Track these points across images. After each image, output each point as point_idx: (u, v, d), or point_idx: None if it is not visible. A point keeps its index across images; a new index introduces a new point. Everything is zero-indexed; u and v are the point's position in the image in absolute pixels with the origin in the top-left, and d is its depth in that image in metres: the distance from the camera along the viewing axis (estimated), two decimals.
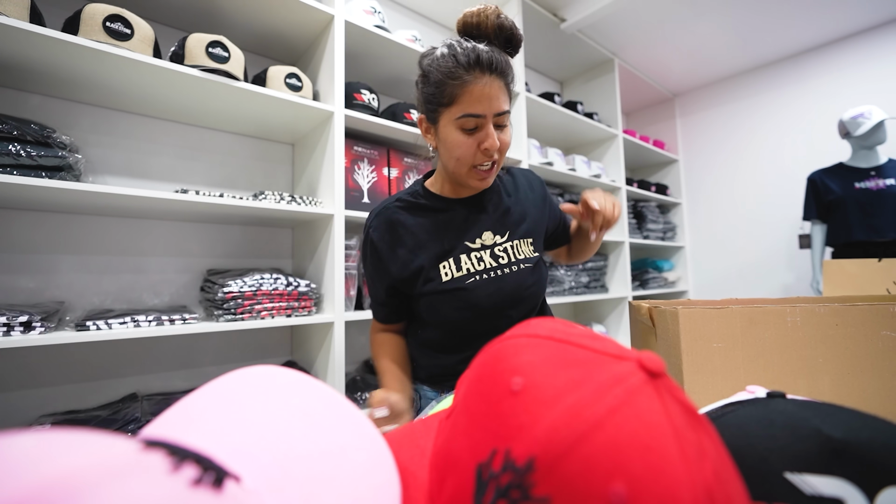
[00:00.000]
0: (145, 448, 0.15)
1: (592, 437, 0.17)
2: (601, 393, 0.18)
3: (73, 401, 1.15)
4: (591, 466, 0.16)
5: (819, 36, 2.53)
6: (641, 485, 0.16)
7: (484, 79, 0.66)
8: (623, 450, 0.16)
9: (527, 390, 0.20)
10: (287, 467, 0.19)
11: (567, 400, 0.18)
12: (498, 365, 0.22)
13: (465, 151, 0.68)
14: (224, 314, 1.15)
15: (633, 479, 0.16)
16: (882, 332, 0.57)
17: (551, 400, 0.19)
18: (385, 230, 0.77)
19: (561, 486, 0.17)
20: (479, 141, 0.68)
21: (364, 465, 0.21)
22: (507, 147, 0.70)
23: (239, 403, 0.23)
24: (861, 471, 0.22)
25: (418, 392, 0.84)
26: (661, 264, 2.95)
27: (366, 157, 1.51)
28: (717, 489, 0.16)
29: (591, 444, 0.17)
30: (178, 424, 0.21)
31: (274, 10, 1.33)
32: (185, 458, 0.15)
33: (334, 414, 0.23)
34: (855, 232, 1.99)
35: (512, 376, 0.21)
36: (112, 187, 0.97)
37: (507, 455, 0.19)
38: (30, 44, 0.93)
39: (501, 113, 0.68)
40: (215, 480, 0.15)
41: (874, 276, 0.98)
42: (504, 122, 0.69)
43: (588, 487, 0.16)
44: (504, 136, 0.69)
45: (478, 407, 0.22)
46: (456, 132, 0.68)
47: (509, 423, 0.19)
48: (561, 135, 2.54)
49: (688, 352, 0.61)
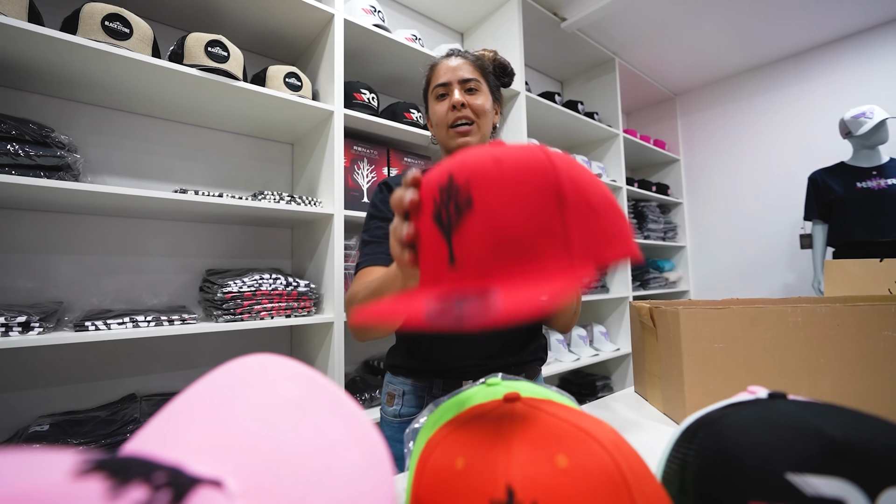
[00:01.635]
0: (81, 473, 0.14)
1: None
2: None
3: (72, 401, 1.15)
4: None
5: (819, 36, 2.53)
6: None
7: (449, 59, 0.81)
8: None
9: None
10: (276, 466, 0.19)
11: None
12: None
13: (441, 114, 0.79)
14: (223, 314, 1.14)
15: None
16: (884, 332, 0.56)
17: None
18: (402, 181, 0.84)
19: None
20: (450, 102, 0.79)
21: (357, 462, 0.21)
22: (480, 109, 0.78)
23: (231, 398, 0.22)
24: (863, 471, 0.21)
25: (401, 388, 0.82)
26: (662, 264, 2.95)
27: (365, 156, 1.51)
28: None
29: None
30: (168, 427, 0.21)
31: (273, 10, 1.33)
32: (132, 479, 0.14)
33: (328, 407, 0.23)
34: (856, 232, 1.98)
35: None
36: (111, 187, 0.97)
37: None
38: (28, 43, 0.93)
39: (466, 80, 0.78)
40: (173, 498, 0.14)
41: (876, 277, 0.97)
42: (472, 87, 0.79)
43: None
44: (474, 98, 0.78)
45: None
46: (433, 103, 0.82)
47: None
48: (561, 134, 2.54)
49: (689, 352, 0.60)
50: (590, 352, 2.29)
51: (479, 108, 0.78)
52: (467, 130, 0.78)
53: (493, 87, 0.83)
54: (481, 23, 2.15)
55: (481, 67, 0.81)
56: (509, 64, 0.87)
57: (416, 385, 0.81)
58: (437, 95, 0.80)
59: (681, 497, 0.25)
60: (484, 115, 0.79)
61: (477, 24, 2.17)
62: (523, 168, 0.29)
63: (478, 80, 0.79)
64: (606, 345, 2.41)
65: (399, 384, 0.82)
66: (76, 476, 0.13)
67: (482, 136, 0.80)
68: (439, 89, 0.80)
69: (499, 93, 0.86)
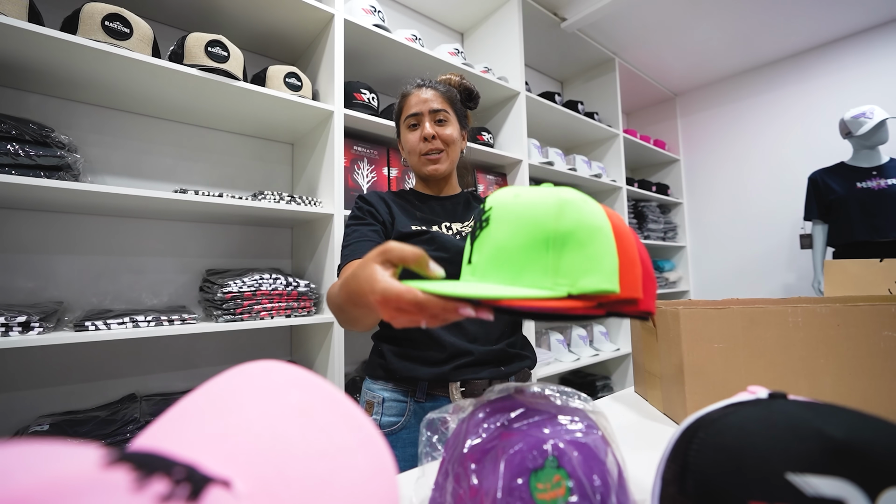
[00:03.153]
0: (108, 464, 0.14)
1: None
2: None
3: (72, 401, 1.15)
4: None
5: (819, 36, 2.53)
6: None
7: (420, 90, 0.86)
8: None
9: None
10: (283, 469, 0.19)
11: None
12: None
13: (412, 143, 0.86)
14: (223, 314, 1.15)
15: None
16: (884, 332, 0.56)
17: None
18: (378, 196, 0.89)
19: None
20: (422, 133, 0.85)
21: (363, 467, 0.21)
22: (449, 139, 0.85)
23: (237, 402, 0.22)
24: (863, 471, 0.21)
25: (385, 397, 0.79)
26: (662, 264, 2.95)
27: (365, 156, 1.51)
28: None
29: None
30: (174, 428, 0.21)
31: (273, 10, 1.33)
32: (154, 472, 0.14)
33: (333, 412, 0.23)
34: (856, 232, 1.99)
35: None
36: (111, 187, 0.97)
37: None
38: (28, 43, 0.93)
39: (436, 110, 0.84)
40: (191, 493, 0.14)
41: (876, 277, 0.98)
42: (442, 118, 0.85)
43: None
44: (443, 129, 0.85)
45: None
46: (405, 131, 0.88)
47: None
48: (561, 134, 2.54)
49: (689, 352, 0.61)
50: (590, 352, 2.29)
51: (448, 138, 0.85)
52: (437, 159, 0.85)
53: (461, 115, 0.90)
54: (481, 23, 2.15)
55: (450, 98, 0.88)
56: (474, 88, 0.94)
57: (398, 390, 0.78)
58: (409, 125, 0.87)
59: (681, 497, 0.25)
60: (453, 144, 0.86)
61: (477, 24, 2.17)
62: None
63: (446, 112, 0.85)
64: (606, 345, 2.41)
65: (378, 391, 0.79)
66: (104, 466, 0.14)
67: (451, 162, 0.87)
68: (411, 119, 0.86)
69: (465, 120, 0.93)
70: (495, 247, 0.38)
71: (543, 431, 0.31)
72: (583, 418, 0.33)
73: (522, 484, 0.28)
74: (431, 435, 0.42)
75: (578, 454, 0.30)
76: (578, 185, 2.46)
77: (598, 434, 0.32)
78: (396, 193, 0.92)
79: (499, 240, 0.38)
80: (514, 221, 0.38)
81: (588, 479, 0.29)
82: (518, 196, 0.39)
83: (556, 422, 0.32)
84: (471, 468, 0.30)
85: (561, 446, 0.29)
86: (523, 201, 0.38)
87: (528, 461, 0.29)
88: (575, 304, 0.32)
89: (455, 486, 0.31)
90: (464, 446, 0.32)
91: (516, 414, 0.33)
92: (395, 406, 0.77)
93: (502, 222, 0.38)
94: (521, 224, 0.37)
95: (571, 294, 0.33)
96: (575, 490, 0.28)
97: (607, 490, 0.29)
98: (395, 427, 0.77)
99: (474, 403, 0.37)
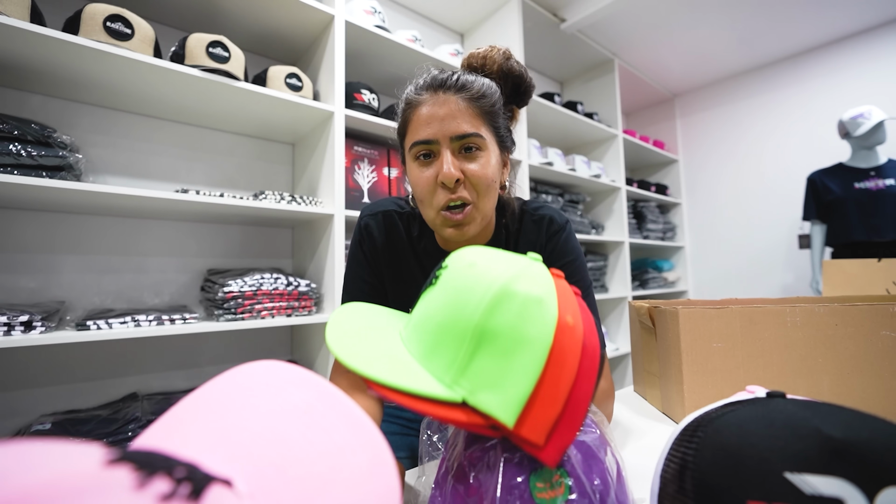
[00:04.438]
0: (110, 463, 0.14)
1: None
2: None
3: (74, 400, 1.15)
4: None
5: (819, 36, 2.53)
6: None
7: (436, 97, 0.54)
8: None
9: None
10: (284, 469, 0.19)
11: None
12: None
13: (424, 188, 0.55)
14: (224, 314, 1.15)
15: None
16: (882, 332, 0.57)
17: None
18: (384, 232, 0.66)
19: None
20: (438, 173, 0.54)
21: (363, 466, 0.21)
22: (482, 180, 0.54)
23: (238, 402, 0.23)
24: (861, 471, 0.22)
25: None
26: (661, 264, 2.96)
27: (366, 156, 1.51)
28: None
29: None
30: (176, 427, 0.21)
31: (274, 10, 1.33)
32: (156, 471, 0.14)
33: (334, 412, 0.23)
34: (854, 232, 1.99)
35: None
36: (112, 187, 0.98)
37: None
38: (30, 44, 0.93)
39: (462, 136, 0.53)
40: (192, 492, 0.14)
41: (874, 277, 0.98)
42: (472, 145, 0.54)
43: None
44: (474, 165, 0.54)
45: None
46: (412, 166, 0.57)
47: None
48: (561, 135, 2.54)
49: (688, 351, 0.61)
50: None
51: (482, 181, 0.54)
52: (462, 220, 0.54)
53: (504, 133, 0.59)
54: (481, 24, 2.15)
55: (485, 108, 0.55)
56: (526, 74, 0.61)
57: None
58: (418, 156, 0.56)
59: (680, 496, 0.25)
60: (487, 190, 0.55)
61: (477, 24, 2.17)
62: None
63: (479, 136, 0.54)
64: (606, 344, 2.41)
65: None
66: (106, 465, 0.14)
67: (483, 216, 0.57)
68: (420, 148, 0.55)
69: (510, 136, 0.61)
70: (425, 312, 0.34)
71: None
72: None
73: (522, 483, 0.28)
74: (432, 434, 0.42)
75: (578, 453, 0.30)
76: (578, 185, 2.47)
77: (597, 433, 0.32)
78: (407, 230, 0.67)
79: (430, 307, 0.34)
80: (449, 294, 0.33)
81: (587, 478, 0.29)
82: (472, 266, 0.33)
83: None
84: (470, 467, 0.31)
85: None
86: (470, 275, 0.32)
87: (528, 460, 0.29)
88: (463, 417, 0.28)
89: (455, 485, 0.31)
90: (464, 445, 0.32)
91: None
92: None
93: (443, 289, 0.34)
94: (453, 301, 0.32)
95: (466, 402, 0.28)
96: (574, 489, 0.28)
97: (606, 489, 0.29)
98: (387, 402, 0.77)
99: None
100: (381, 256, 0.66)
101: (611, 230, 2.55)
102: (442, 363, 0.30)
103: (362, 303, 0.43)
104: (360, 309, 0.41)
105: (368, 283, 0.66)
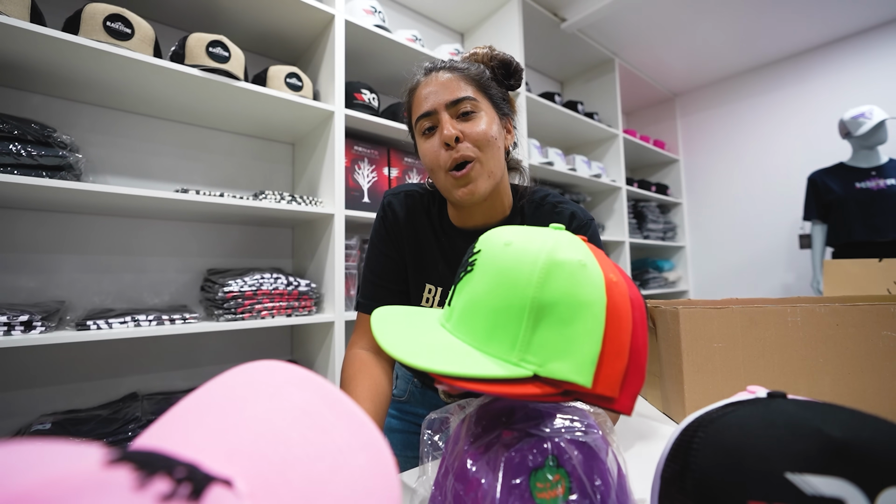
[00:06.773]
0: (110, 463, 0.14)
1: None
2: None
3: (74, 400, 1.15)
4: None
5: (819, 36, 2.53)
6: None
7: (431, 76, 0.61)
8: None
9: None
10: (284, 469, 0.19)
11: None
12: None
13: (431, 155, 0.60)
14: (224, 314, 1.15)
15: None
16: (882, 332, 0.57)
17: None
18: (405, 209, 0.71)
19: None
20: (440, 137, 0.59)
21: (363, 466, 0.21)
22: (481, 137, 0.58)
23: (238, 402, 0.23)
24: (862, 471, 0.21)
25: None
26: (662, 264, 2.95)
27: (366, 156, 1.51)
28: None
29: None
30: (176, 427, 0.21)
31: (274, 10, 1.33)
32: (156, 471, 0.14)
33: (334, 412, 0.23)
34: (855, 232, 1.99)
35: None
36: (112, 187, 0.98)
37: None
38: (30, 43, 0.93)
39: (456, 101, 0.59)
40: (192, 492, 0.14)
41: (875, 277, 0.98)
42: (468, 109, 0.59)
43: None
44: (471, 125, 0.59)
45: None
46: (420, 141, 0.63)
47: None
48: (561, 134, 2.54)
49: (688, 351, 0.61)
50: None
51: (481, 137, 0.58)
52: (468, 175, 0.58)
53: (498, 99, 0.64)
54: (481, 23, 2.15)
55: (476, 79, 0.61)
56: (513, 59, 0.67)
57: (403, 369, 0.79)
58: (424, 130, 0.61)
59: (680, 496, 0.25)
60: (489, 146, 0.59)
61: (477, 24, 2.17)
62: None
63: (472, 99, 0.60)
64: None
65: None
66: (106, 465, 0.14)
67: (489, 174, 0.60)
68: (424, 122, 0.61)
69: (507, 105, 0.66)
70: (471, 299, 0.34)
71: (543, 430, 0.31)
72: (583, 418, 0.33)
73: (522, 483, 0.28)
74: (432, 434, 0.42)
75: (578, 453, 0.30)
76: (578, 185, 2.47)
77: (597, 433, 0.32)
78: (426, 212, 0.70)
79: (476, 293, 0.34)
80: (494, 276, 0.33)
81: (588, 479, 0.29)
82: (509, 245, 0.34)
83: (556, 421, 0.32)
84: (471, 467, 0.31)
85: (561, 445, 0.30)
86: (510, 254, 0.33)
87: (528, 460, 0.29)
88: (537, 389, 0.28)
89: (455, 485, 0.31)
90: (464, 445, 0.32)
91: (517, 413, 0.33)
92: (400, 384, 0.80)
93: (484, 273, 0.34)
94: (501, 282, 0.32)
95: (538, 375, 0.29)
96: (574, 489, 0.28)
97: (607, 489, 0.29)
98: (401, 399, 0.79)
99: (475, 402, 0.37)
100: (403, 232, 0.70)
101: (611, 230, 2.54)
102: (504, 344, 0.31)
103: (389, 306, 0.43)
104: (393, 312, 0.41)
105: (388, 256, 0.70)
